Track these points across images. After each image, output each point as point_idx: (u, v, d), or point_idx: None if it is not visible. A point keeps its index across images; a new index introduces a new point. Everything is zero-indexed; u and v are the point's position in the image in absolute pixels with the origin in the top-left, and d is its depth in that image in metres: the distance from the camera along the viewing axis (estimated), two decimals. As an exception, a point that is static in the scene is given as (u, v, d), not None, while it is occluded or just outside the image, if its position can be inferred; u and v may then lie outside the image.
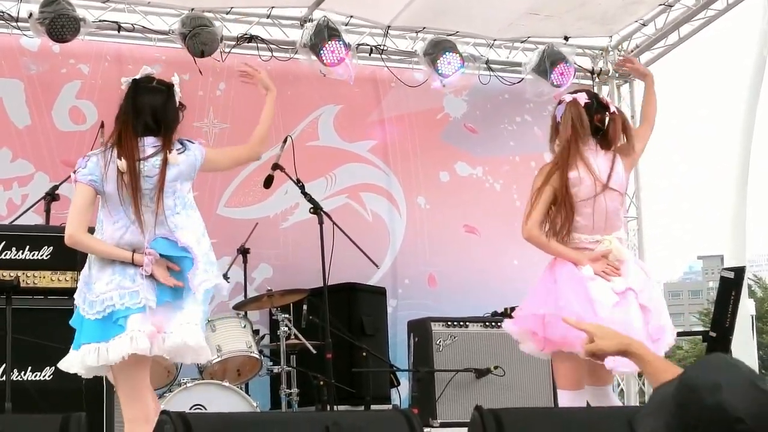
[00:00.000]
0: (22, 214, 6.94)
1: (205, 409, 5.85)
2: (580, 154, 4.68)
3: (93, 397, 5.29)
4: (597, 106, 4.80)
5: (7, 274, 5.33)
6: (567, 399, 4.60)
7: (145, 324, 4.05)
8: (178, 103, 4.39)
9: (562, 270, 4.67)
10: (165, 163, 4.21)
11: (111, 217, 4.20)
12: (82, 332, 4.14)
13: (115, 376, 4.21)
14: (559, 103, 4.85)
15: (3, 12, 7.95)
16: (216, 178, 8.23)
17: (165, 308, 4.12)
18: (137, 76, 4.39)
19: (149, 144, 4.25)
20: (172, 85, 4.40)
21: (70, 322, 4.22)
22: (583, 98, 4.78)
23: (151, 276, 4.13)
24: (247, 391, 6.65)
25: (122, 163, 4.16)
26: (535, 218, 4.67)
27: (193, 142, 4.44)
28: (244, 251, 7.49)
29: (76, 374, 4.25)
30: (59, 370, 4.31)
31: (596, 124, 4.77)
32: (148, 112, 4.30)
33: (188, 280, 4.19)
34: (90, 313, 4.10)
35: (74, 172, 4.23)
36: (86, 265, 4.22)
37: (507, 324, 4.83)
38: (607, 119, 4.77)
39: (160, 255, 4.16)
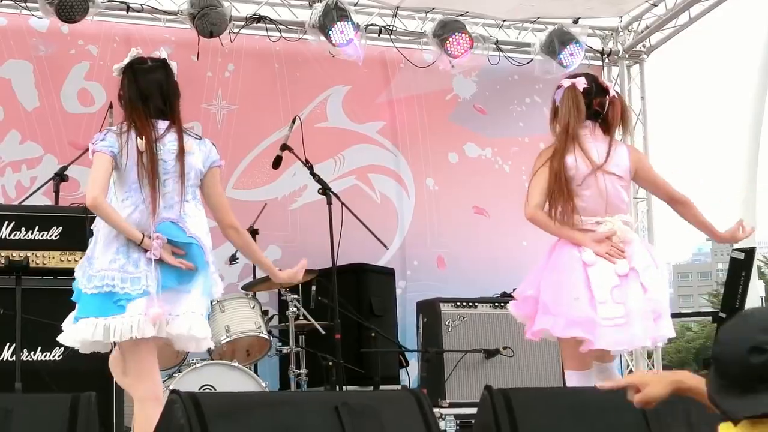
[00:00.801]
0: (31, 194, 6.95)
1: (215, 389, 5.86)
2: (577, 139, 4.71)
3: (102, 376, 5.30)
4: (596, 90, 4.82)
5: (17, 255, 5.34)
6: (575, 380, 4.62)
7: (150, 308, 4.04)
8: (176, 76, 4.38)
9: (560, 253, 4.69)
10: (182, 149, 4.21)
11: (120, 194, 4.19)
12: (80, 306, 4.14)
13: (123, 356, 4.22)
14: (558, 87, 4.87)
15: (12, -8, 7.95)
16: (224, 160, 8.21)
17: (170, 294, 4.11)
18: (126, 61, 4.36)
19: (163, 127, 4.25)
20: (165, 60, 4.38)
21: (72, 298, 4.22)
22: (582, 83, 4.80)
23: (159, 260, 4.11)
24: (256, 372, 6.66)
25: (142, 142, 4.15)
26: (535, 200, 4.70)
27: (216, 149, 4.42)
28: (252, 232, 7.49)
29: (85, 354, 4.25)
30: (69, 350, 4.32)
31: (596, 109, 4.78)
32: (156, 93, 4.29)
33: (205, 264, 4.19)
34: (88, 287, 4.09)
35: (92, 144, 4.22)
36: (92, 242, 4.21)
37: (510, 307, 4.87)
38: (606, 103, 4.78)
39: (167, 239, 4.15)
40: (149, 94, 4.27)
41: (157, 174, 4.14)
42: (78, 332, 4.11)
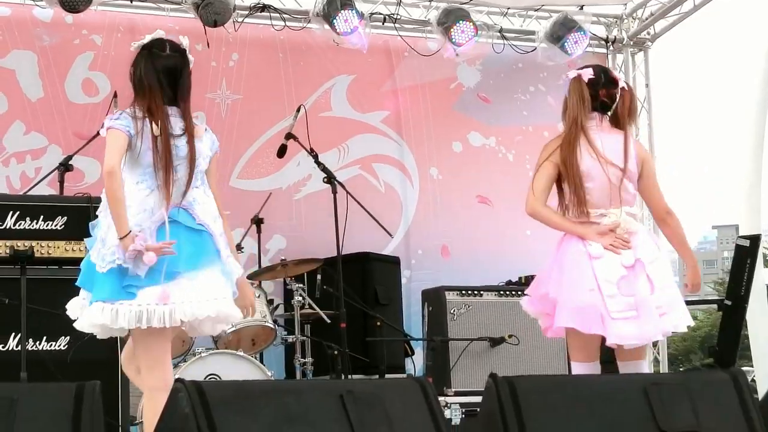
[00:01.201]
0: (36, 184, 6.95)
1: (220, 378, 5.87)
2: (583, 130, 4.67)
3: (108, 365, 5.31)
4: (605, 81, 4.76)
5: (22, 244, 5.34)
6: (581, 372, 4.60)
7: (167, 297, 4.04)
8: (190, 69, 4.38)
9: (566, 249, 4.67)
10: (192, 136, 4.22)
11: (134, 177, 4.18)
12: (95, 290, 4.12)
13: (134, 344, 4.22)
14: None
15: (16, -17, 7.95)
16: (228, 150, 8.22)
17: (173, 281, 4.10)
18: (146, 41, 4.33)
19: (174, 114, 4.25)
20: (185, 51, 4.37)
21: (77, 283, 4.21)
22: (587, 74, 4.75)
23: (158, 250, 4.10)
24: (261, 361, 6.67)
25: (157, 127, 4.15)
26: (537, 194, 4.68)
27: (215, 137, 4.43)
28: (257, 221, 7.50)
29: (90, 343, 4.25)
30: (74, 340, 4.33)
31: (603, 100, 4.73)
32: (169, 81, 4.27)
33: (216, 251, 4.20)
34: (102, 266, 4.08)
35: (108, 120, 4.21)
36: (102, 225, 4.19)
37: (523, 304, 4.85)
38: (617, 95, 4.74)
39: (180, 224, 4.15)
40: (163, 81, 4.26)
41: (171, 160, 4.15)
42: (92, 316, 4.10)
